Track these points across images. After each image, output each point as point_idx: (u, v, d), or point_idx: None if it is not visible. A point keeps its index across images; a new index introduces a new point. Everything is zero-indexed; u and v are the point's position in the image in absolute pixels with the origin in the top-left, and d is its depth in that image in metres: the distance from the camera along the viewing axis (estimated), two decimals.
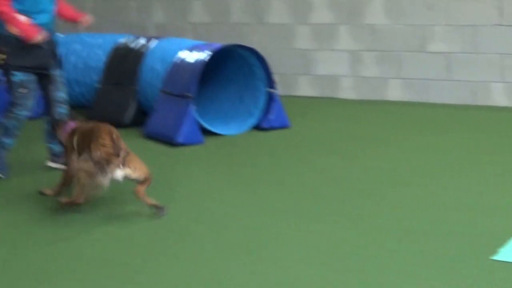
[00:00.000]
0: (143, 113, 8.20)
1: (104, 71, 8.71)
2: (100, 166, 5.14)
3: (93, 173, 5.17)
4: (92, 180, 5.21)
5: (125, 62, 8.50)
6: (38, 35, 6.04)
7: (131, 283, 4.28)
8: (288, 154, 6.97)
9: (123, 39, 8.82)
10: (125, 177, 5.23)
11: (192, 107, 7.41)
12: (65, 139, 5.69)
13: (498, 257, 4.34)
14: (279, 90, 8.30)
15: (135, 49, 8.50)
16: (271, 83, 7.95)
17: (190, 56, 7.78)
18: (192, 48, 7.92)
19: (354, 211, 5.30)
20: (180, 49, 8.00)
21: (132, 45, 8.60)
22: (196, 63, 7.62)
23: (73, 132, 5.58)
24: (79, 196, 5.31)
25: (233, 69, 8.20)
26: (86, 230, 5.12)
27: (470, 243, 4.58)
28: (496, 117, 8.25)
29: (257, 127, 7.93)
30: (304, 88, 10.04)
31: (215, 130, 7.70)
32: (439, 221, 5.00)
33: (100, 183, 5.17)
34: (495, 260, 4.31)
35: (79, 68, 8.92)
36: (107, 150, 5.18)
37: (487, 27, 8.67)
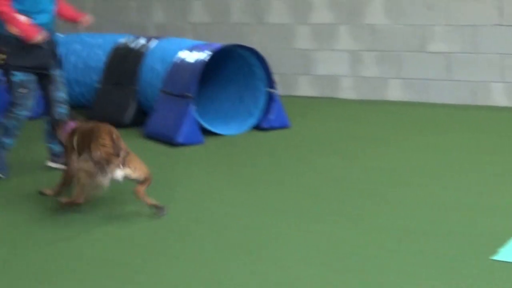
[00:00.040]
0: (143, 113, 8.19)
1: (104, 71, 8.71)
2: (100, 166, 5.14)
3: (93, 173, 5.17)
4: (92, 180, 5.21)
5: (125, 62, 8.49)
6: (38, 35, 6.04)
7: (131, 283, 4.28)
8: (288, 154, 6.97)
9: (123, 39, 8.82)
10: (125, 177, 5.23)
11: (192, 107, 7.41)
12: (65, 139, 5.69)
13: (498, 257, 4.34)
14: (279, 90, 8.29)
15: (135, 49, 8.50)
16: (271, 83, 7.95)
17: (190, 56, 7.78)
18: (192, 48, 7.92)
19: (354, 211, 5.30)
20: (180, 49, 8.00)
21: (132, 45, 8.60)
22: (196, 63, 7.61)
23: (73, 132, 5.58)
24: (79, 196, 5.30)
25: (233, 69, 8.19)
26: (86, 230, 5.12)
27: (470, 243, 4.58)
28: (496, 117, 8.24)
29: (257, 127, 7.93)
30: (304, 88, 10.04)
31: (215, 130, 7.69)
32: (439, 221, 5.01)
33: (100, 183, 5.17)
34: (495, 260, 4.31)
35: (79, 68, 8.92)
36: (107, 150, 5.18)
37: (487, 27, 8.67)
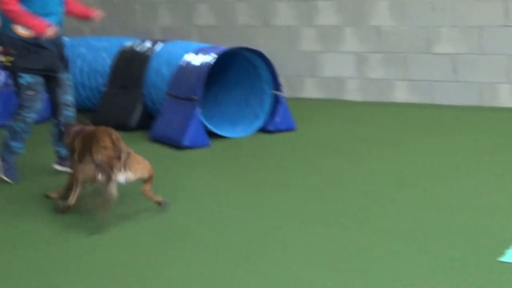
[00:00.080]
0: (149, 116, 8.19)
1: (110, 75, 8.71)
2: (102, 170, 5.14)
3: (94, 176, 5.18)
4: (93, 183, 5.21)
5: (131, 66, 8.50)
6: (49, 29, 5.99)
7: (132, 283, 4.28)
8: (294, 157, 6.96)
9: (129, 43, 8.83)
10: (127, 180, 5.24)
11: (198, 110, 7.40)
12: (70, 143, 5.70)
13: (505, 258, 4.32)
14: (285, 92, 8.28)
15: (141, 52, 8.50)
16: (277, 86, 7.94)
17: (196, 59, 7.78)
18: (198, 51, 7.92)
19: (360, 213, 5.29)
20: (186, 52, 8.00)
21: (138, 48, 8.60)
22: (202, 66, 7.61)
23: (76, 136, 5.60)
24: (72, 198, 5.32)
25: (239, 71, 8.19)
26: (87, 232, 5.11)
27: (477, 244, 4.57)
28: (502, 118, 8.22)
29: (263, 130, 7.92)
30: (310, 90, 10.03)
31: (221, 133, 7.69)
32: (445, 222, 4.99)
33: (110, 192, 5.12)
34: (502, 261, 4.29)
35: (85, 72, 8.93)
36: (109, 153, 5.18)
37: (493, 28, 8.65)
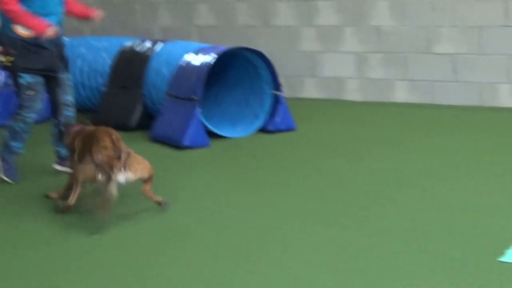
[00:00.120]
0: (149, 116, 8.19)
1: (110, 75, 8.71)
2: (102, 170, 5.14)
3: (94, 176, 5.18)
4: (93, 183, 5.21)
5: (131, 66, 8.50)
6: (49, 29, 5.99)
7: (132, 283, 4.28)
8: (294, 157, 6.96)
9: (129, 43, 8.82)
10: (127, 180, 5.24)
11: (198, 110, 7.40)
12: (70, 143, 5.70)
13: (505, 258, 4.32)
14: (285, 92, 8.28)
15: (141, 52, 8.50)
16: (277, 86, 7.94)
17: (196, 59, 7.78)
18: (198, 51, 7.92)
19: (359, 213, 5.28)
20: (186, 52, 8.00)
21: (138, 48, 8.60)
22: (202, 66, 7.61)
23: (76, 136, 5.60)
24: (72, 198, 5.31)
25: (239, 71, 8.19)
26: (87, 232, 5.11)
27: (477, 244, 4.57)
28: (502, 118, 8.22)
29: (263, 130, 7.92)
30: (310, 90, 10.03)
31: (221, 133, 7.69)
32: (445, 222, 4.99)
33: (110, 192, 5.11)
34: (502, 261, 4.29)
35: (85, 72, 8.92)
36: (109, 153, 5.18)
37: (493, 28, 8.65)
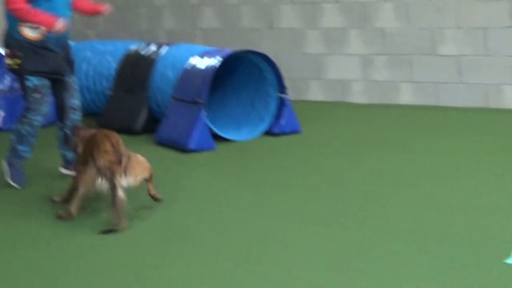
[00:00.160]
0: (154, 120, 8.20)
1: (115, 78, 8.72)
2: (103, 174, 5.15)
3: (95, 181, 5.19)
4: (93, 188, 5.22)
5: (136, 69, 8.51)
6: (58, 23, 5.95)
7: (132, 283, 4.28)
8: (299, 159, 6.96)
9: (134, 46, 8.84)
10: (129, 184, 5.25)
11: (203, 113, 7.41)
12: (76, 146, 5.72)
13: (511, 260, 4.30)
14: (290, 95, 8.29)
15: (146, 55, 8.51)
16: (282, 88, 7.95)
17: (201, 62, 7.78)
18: (203, 54, 7.93)
19: (360, 213, 5.27)
20: (191, 55, 8.01)
21: (143, 52, 8.61)
22: (207, 69, 7.62)
23: (82, 140, 5.62)
24: (75, 207, 5.31)
25: (244, 74, 8.20)
26: (88, 232, 5.13)
27: (482, 245, 4.54)
28: (508, 119, 8.20)
29: (268, 133, 7.92)
30: (315, 92, 10.04)
31: (227, 136, 7.69)
32: (446, 223, 4.97)
33: (119, 198, 5.11)
34: (509, 263, 4.26)
35: (90, 75, 8.94)
36: (110, 158, 5.20)
37: (498, 29, 8.64)
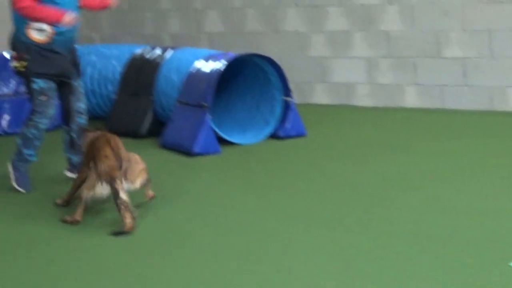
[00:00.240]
0: (159, 123, 8.21)
1: (120, 82, 8.74)
2: (104, 179, 5.17)
3: (95, 186, 5.21)
4: (94, 193, 5.24)
5: (141, 73, 8.52)
6: (67, 16, 5.93)
7: (132, 283, 4.29)
8: (304, 163, 6.95)
9: (139, 50, 8.86)
10: (129, 189, 5.28)
11: (208, 117, 7.41)
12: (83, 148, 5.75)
13: None
14: (295, 98, 8.30)
15: (151, 59, 8.53)
16: (287, 92, 7.95)
17: (206, 66, 7.79)
18: (208, 58, 7.93)
19: (364, 216, 5.26)
20: (196, 58, 8.02)
21: (148, 55, 8.63)
22: (212, 72, 7.63)
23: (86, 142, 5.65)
24: (79, 213, 5.31)
25: (249, 78, 8.20)
26: (88, 232, 5.15)
27: (487, 248, 4.53)
28: None
29: (273, 136, 7.92)
30: (320, 96, 10.04)
31: (232, 139, 7.69)
32: (451, 225, 4.95)
33: (123, 201, 5.11)
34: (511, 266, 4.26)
35: (95, 79, 8.96)
36: (110, 163, 5.22)
37: (503, 31, 8.64)
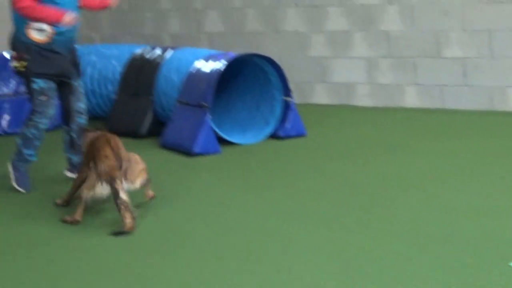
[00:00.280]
0: (159, 123, 8.22)
1: (120, 82, 8.74)
2: (104, 180, 5.17)
3: (95, 186, 5.21)
4: (94, 193, 5.24)
5: (141, 73, 8.52)
6: (67, 15, 5.93)
7: (132, 283, 4.29)
8: (304, 163, 6.95)
9: (139, 50, 8.85)
10: (129, 189, 5.28)
11: (208, 117, 7.41)
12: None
13: None
14: (295, 98, 8.30)
15: (151, 59, 8.53)
16: (287, 92, 7.95)
17: (206, 66, 7.79)
18: (208, 58, 7.93)
19: (363, 215, 5.26)
20: (196, 58, 8.02)
21: (148, 55, 8.63)
22: (212, 72, 7.62)
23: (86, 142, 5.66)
24: (80, 213, 5.31)
25: (249, 78, 8.20)
26: (88, 232, 5.15)
27: (487, 248, 4.53)
28: None
29: (273, 136, 7.92)
30: (320, 96, 10.04)
31: (232, 139, 7.69)
32: (454, 225, 4.95)
33: (123, 201, 5.12)
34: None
35: (95, 79, 8.96)
36: (110, 163, 5.22)
37: (503, 31, 8.64)
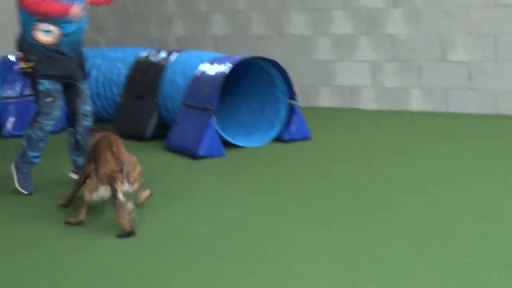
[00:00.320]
0: (164, 126, 8.22)
1: (125, 85, 8.76)
2: (104, 182, 5.17)
3: (96, 189, 5.22)
4: (94, 195, 5.25)
5: (146, 76, 8.54)
6: (74, 8, 5.91)
7: (132, 283, 4.30)
8: (309, 166, 6.95)
9: (144, 53, 8.87)
10: (128, 190, 5.30)
11: (213, 120, 7.42)
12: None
13: None
14: (300, 101, 8.29)
15: (156, 62, 8.54)
16: (292, 95, 7.95)
17: (211, 69, 7.80)
18: (213, 61, 7.94)
19: (367, 218, 5.26)
20: (201, 62, 8.02)
21: (153, 58, 8.64)
22: (217, 75, 7.63)
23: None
24: (82, 214, 5.32)
25: (254, 81, 8.21)
26: (88, 232, 5.15)
27: (490, 251, 4.52)
28: None
29: (278, 139, 7.92)
30: (324, 99, 10.04)
31: (236, 142, 7.69)
32: (457, 228, 4.94)
33: (121, 203, 5.12)
34: None
35: (100, 82, 8.98)
36: (110, 167, 5.24)
37: (508, 35, 8.63)
